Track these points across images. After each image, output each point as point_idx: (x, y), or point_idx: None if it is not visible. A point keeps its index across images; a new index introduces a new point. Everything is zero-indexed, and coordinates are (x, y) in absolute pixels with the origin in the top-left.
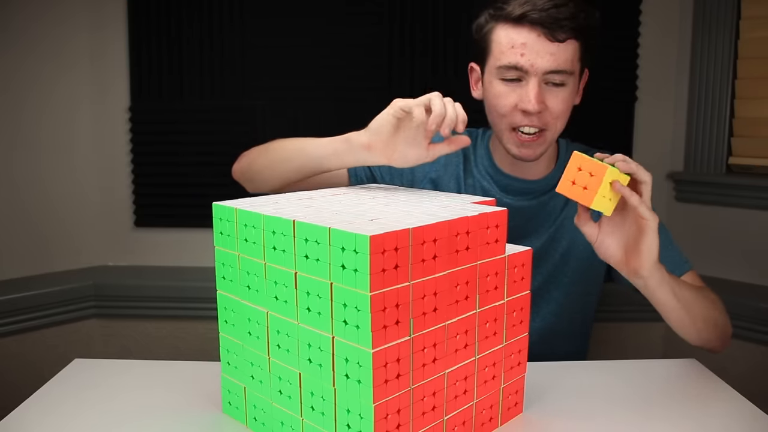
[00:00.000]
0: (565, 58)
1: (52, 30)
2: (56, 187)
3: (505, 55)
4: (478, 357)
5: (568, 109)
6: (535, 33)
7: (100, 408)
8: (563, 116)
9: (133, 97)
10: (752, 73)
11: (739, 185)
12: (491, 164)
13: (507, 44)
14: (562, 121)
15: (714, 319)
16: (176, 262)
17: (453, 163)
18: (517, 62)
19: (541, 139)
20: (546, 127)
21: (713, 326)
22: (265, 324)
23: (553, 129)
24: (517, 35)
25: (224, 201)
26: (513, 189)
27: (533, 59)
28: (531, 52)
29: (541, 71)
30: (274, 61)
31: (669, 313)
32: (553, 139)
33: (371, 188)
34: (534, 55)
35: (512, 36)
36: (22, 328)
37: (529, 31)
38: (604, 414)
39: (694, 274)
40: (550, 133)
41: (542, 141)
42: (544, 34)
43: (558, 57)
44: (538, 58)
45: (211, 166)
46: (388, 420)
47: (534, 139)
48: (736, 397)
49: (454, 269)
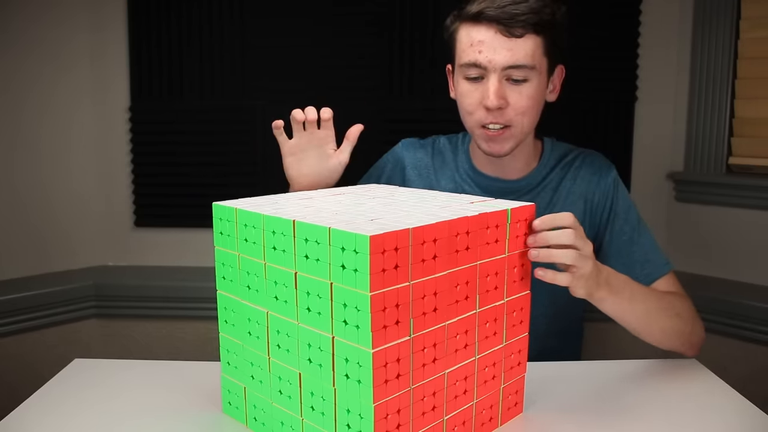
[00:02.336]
0: (524, 53)
1: (52, 30)
2: (56, 188)
3: (466, 53)
4: (478, 357)
5: (534, 105)
6: (492, 30)
7: (100, 408)
8: (529, 112)
9: (133, 97)
10: (752, 73)
11: (739, 185)
12: (471, 167)
13: (467, 42)
14: (530, 117)
15: (675, 330)
16: (176, 262)
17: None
18: (476, 59)
19: (507, 133)
20: (511, 123)
21: (674, 336)
22: (265, 324)
23: (519, 125)
24: (476, 33)
25: (224, 201)
26: (494, 189)
27: (491, 56)
28: (488, 48)
29: (500, 67)
30: (274, 61)
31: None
32: (521, 135)
33: (371, 188)
34: (491, 51)
35: (472, 34)
36: (22, 328)
37: (486, 28)
38: (604, 414)
39: (672, 277)
40: (516, 128)
41: (509, 136)
42: (500, 30)
43: (516, 52)
44: (495, 54)
45: (211, 166)
46: (388, 420)
47: (500, 134)
48: (736, 397)
49: (454, 269)
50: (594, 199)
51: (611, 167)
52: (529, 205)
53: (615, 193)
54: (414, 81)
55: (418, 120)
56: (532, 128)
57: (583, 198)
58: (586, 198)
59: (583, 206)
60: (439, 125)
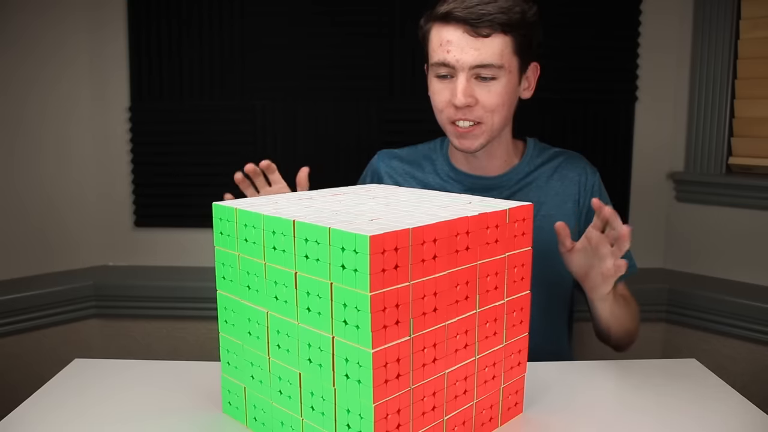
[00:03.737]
0: (491, 53)
1: (52, 30)
2: (56, 187)
3: (436, 52)
4: (478, 357)
5: (504, 103)
6: (460, 30)
7: (100, 408)
8: (499, 109)
9: (133, 97)
10: (752, 73)
11: (739, 185)
12: (451, 168)
13: (437, 42)
14: (500, 114)
15: (630, 332)
16: (176, 262)
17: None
18: (445, 59)
19: (477, 130)
20: (480, 120)
21: (627, 336)
22: (265, 324)
23: (488, 122)
24: (445, 33)
25: (224, 201)
26: (478, 187)
27: (458, 55)
28: (456, 48)
29: (467, 66)
30: (274, 61)
31: (599, 322)
32: (492, 131)
33: (371, 188)
34: (459, 51)
35: (441, 34)
36: (22, 328)
37: (455, 28)
38: (604, 414)
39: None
40: (486, 125)
41: (479, 133)
42: (467, 30)
43: (483, 52)
44: (462, 53)
45: (211, 165)
46: (388, 420)
47: (470, 131)
48: (736, 397)
49: (454, 269)
50: (580, 201)
51: (595, 170)
52: (527, 205)
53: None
54: (414, 81)
55: (418, 120)
56: (503, 125)
57: (572, 199)
58: (575, 199)
59: (573, 207)
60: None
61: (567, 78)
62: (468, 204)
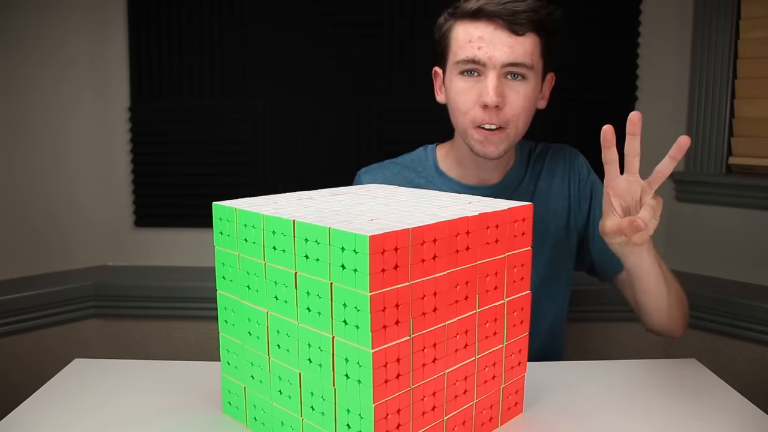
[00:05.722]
0: (523, 51)
1: (52, 30)
2: (56, 187)
3: (463, 49)
4: (478, 357)
5: (529, 108)
6: (492, 26)
7: (100, 408)
8: (524, 114)
9: (133, 97)
10: (752, 73)
11: (739, 185)
12: (445, 180)
13: (465, 39)
14: (523, 121)
15: (681, 297)
16: (176, 262)
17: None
18: (475, 55)
19: (502, 135)
20: (506, 125)
21: (681, 303)
22: (265, 324)
23: (513, 127)
24: (474, 29)
25: (224, 201)
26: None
27: (491, 51)
28: (488, 44)
29: (499, 64)
30: (274, 61)
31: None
32: (514, 137)
33: (371, 188)
34: (491, 47)
35: (470, 30)
36: (22, 328)
37: (486, 24)
38: (604, 414)
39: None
40: (510, 131)
41: (504, 137)
42: (501, 26)
43: (516, 50)
44: (495, 50)
45: (211, 166)
46: (388, 420)
47: (496, 134)
48: (736, 397)
49: (454, 269)
50: (572, 193)
51: (577, 153)
52: (527, 205)
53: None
54: (414, 82)
55: (418, 120)
56: (522, 134)
57: (563, 195)
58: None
59: (566, 203)
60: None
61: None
62: (468, 204)
